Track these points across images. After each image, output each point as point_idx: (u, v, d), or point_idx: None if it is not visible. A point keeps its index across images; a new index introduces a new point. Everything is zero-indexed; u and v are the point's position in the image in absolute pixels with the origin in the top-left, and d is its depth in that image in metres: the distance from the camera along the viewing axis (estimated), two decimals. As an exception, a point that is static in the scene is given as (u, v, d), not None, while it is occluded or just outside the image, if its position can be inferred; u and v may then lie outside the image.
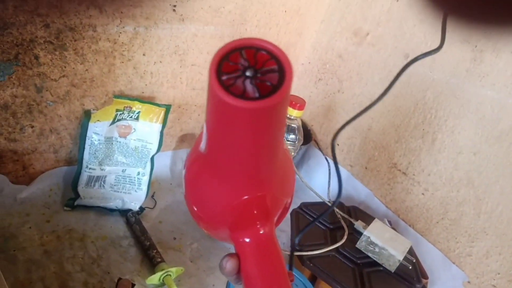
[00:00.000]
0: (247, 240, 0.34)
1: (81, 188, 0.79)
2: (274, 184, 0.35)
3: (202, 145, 0.33)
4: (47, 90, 0.70)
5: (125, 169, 0.82)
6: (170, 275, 0.70)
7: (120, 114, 0.79)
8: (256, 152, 0.30)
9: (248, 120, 0.27)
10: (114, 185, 0.81)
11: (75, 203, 0.78)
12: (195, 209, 0.36)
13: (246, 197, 0.33)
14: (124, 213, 0.81)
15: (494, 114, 0.79)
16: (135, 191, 0.83)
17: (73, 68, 0.71)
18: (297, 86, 1.14)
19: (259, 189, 0.33)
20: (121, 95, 0.79)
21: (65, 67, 0.70)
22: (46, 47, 0.66)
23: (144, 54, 0.78)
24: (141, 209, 0.84)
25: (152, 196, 0.89)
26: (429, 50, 0.50)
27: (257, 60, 0.26)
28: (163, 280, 0.69)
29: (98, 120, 0.78)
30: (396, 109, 0.94)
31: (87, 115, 0.77)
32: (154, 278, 0.69)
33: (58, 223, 0.75)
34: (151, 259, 0.73)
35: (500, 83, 0.78)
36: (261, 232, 0.34)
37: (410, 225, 0.94)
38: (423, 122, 0.89)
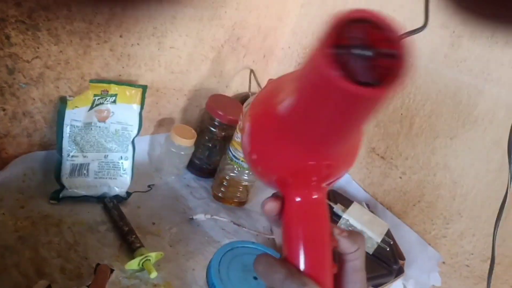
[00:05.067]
0: (298, 199, 0.34)
1: (65, 179, 0.77)
2: (342, 155, 0.33)
3: (282, 106, 0.31)
4: (19, 72, 0.68)
5: (108, 155, 0.81)
6: (149, 260, 0.69)
7: (98, 98, 0.77)
8: (343, 129, 0.29)
9: (354, 104, 0.25)
10: (99, 172, 0.80)
11: (61, 195, 0.76)
12: (254, 157, 0.35)
13: (312, 163, 0.32)
14: (104, 199, 0.79)
15: (471, 100, 0.80)
16: (120, 176, 0.82)
17: (47, 49, 0.68)
18: (277, 71, 1.13)
19: (328, 158, 0.32)
20: (97, 79, 0.77)
21: (38, 48, 0.67)
22: (17, 26, 0.63)
23: (121, 36, 0.76)
24: (128, 194, 0.82)
25: (149, 186, 0.88)
26: (414, 29, 0.50)
27: (375, 39, 0.23)
28: (142, 265, 0.69)
29: (76, 107, 0.75)
30: (375, 93, 0.95)
31: (63, 102, 0.74)
32: (133, 263, 0.68)
33: (33, 209, 0.73)
34: (130, 244, 0.72)
35: (477, 69, 0.79)
36: (314, 196, 0.34)
37: (387, 208, 0.96)
38: (401, 107, 0.90)
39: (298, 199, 0.34)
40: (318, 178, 0.34)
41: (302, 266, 0.33)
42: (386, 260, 0.79)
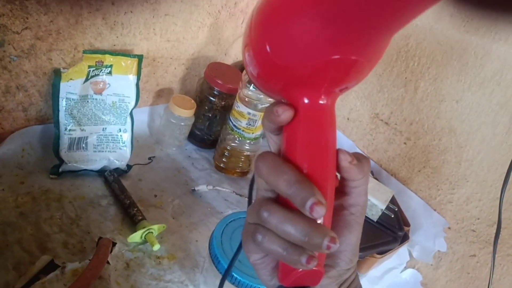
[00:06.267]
0: (306, 102, 0.32)
1: (63, 153, 0.75)
2: (369, 54, 0.29)
3: None
4: (9, 44, 0.65)
5: (106, 127, 0.79)
6: (152, 232, 0.69)
7: (93, 70, 0.75)
8: (394, 17, 0.25)
9: None
10: (97, 145, 0.78)
11: (60, 170, 0.75)
12: (268, 49, 0.29)
13: (337, 56, 0.28)
14: (104, 172, 0.78)
15: (477, 61, 0.78)
16: (120, 148, 0.81)
17: (36, 19, 0.66)
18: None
19: (357, 52, 0.28)
20: (91, 49, 0.75)
21: (27, 18, 0.65)
22: (4, -4, 0.61)
23: (113, 3, 0.73)
24: (129, 166, 0.81)
25: (149, 158, 0.87)
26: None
27: None
28: (145, 238, 0.68)
29: (71, 79, 0.73)
30: (379, 57, 0.92)
31: (57, 74, 0.72)
32: (136, 236, 0.68)
33: (33, 184, 0.72)
34: (131, 217, 0.71)
35: (484, 27, 0.76)
36: (322, 102, 0.32)
37: (392, 175, 0.95)
38: (406, 70, 0.88)
39: (306, 102, 0.32)
40: (337, 77, 0.30)
41: (305, 173, 0.31)
42: (391, 227, 0.78)
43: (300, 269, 0.32)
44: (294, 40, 0.28)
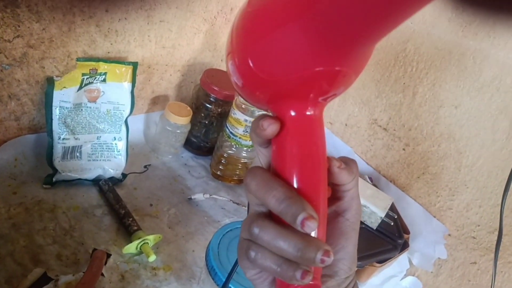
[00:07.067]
0: (293, 114, 0.31)
1: (57, 162, 0.74)
2: (354, 62, 0.29)
3: None
4: (1, 53, 0.64)
5: (100, 136, 0.78)
6: (147, 243, 0.67)
7: (87, 78, 0.73)
8: (381, 23, 0.24)
9: None
10: (92, 154, 0.77)
11: (54, 179, 0.73)
12: (251, 63, 0.29)
13: (320, 68, 0.27)
14: (99, 182, 0.77)
15: (475, 66, 0.77)
16: (114, 157, 0.80)
17: (28, 27, 0.65)
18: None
19: (341, 63, 0.28)
20: (84, 57, 0.74)
21: (19, 26, 0.64)
22: (-5, 4, 0.60)
23: (107, 10, 0.72)
24: (124, 175, 0.80)
25: (145, 166, 0.86)
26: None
27: None
28: (140, 249, 0.67)
29: (64, 87, 0.72)
30: (376, 62, 0.91)
31: (51, 82, 0.71)
32: (131, 247, 0.66)
33: (26, 195, 0.71)
34: (127, 227, 0.70)
35: (482, 32, 0.75)
36: (309, 112, 0.31)
37: (391, 181, 0.93)
38: (404, 76, 0.87)
39: (293, 114, 0.31)
40: (320, 89, 0.30)
41: (296, 186, 0.31)
42: (391, 235, 0.77)
43: (296, 284, 0.31)
44: (276, 54, 0.28)
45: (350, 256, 0.36)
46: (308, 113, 0.31)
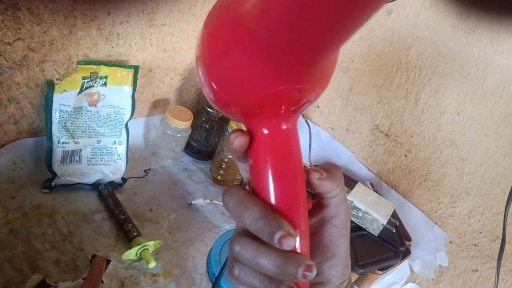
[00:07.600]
0: (266, 131, 0.30)
1: (56, 166, 0.73)
2: (315, 76, 0.28)
3: (249, 13, 0.25)
4: (1, 55, 0.63)
5: (100, 140, 0.77)
6: (147, 249, 0.67)
7: (88, 81, 0.73)
8: (328, 39, 0.23)
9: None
10: (92, 158, 0.76)
11: (53, 183, 0.72)
12: (215, 87, 0.29)
13: (283, 87, 0.27)
14: (98, 186, 0.76)
15: (479, 72, 0.76)
16: (114, 161, 0.79)
17: (29, 30, 0.64)
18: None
19: (301, 80, 0.28)
20: (85, 60, 0.73)
21: (19, 29, 0.63)
22: (-5, 6, 0.59)
23: (108, 14, 0.71)
24: (124, 180, 0.79)
25: (145, 171, 0.85)
26: None
27: None
28: (140, 255, 0.66)
29: (65, 91, 0.71)
30: (378, 68, 0.90)
31: (51, 86, 0.70)
32: (131, 253, 0.65)
33: (25, 199, 0.70)
34: (126, 233, 0.69)
35: (486, 39, 0.75)
36: (283, 127, 0.31)
37: (392, 187, 0.93)
38: (406, 82, 0.86)
39: (266, 131, 0.30)
40: (288, 105, 0.29)
41: (274, 203, 0.30)
42: (393, 242, 0.76)
43: None
44: (233, 76, 0.27)
45: (342, 261, 0.36)
46: (282, 127, 0.31)
